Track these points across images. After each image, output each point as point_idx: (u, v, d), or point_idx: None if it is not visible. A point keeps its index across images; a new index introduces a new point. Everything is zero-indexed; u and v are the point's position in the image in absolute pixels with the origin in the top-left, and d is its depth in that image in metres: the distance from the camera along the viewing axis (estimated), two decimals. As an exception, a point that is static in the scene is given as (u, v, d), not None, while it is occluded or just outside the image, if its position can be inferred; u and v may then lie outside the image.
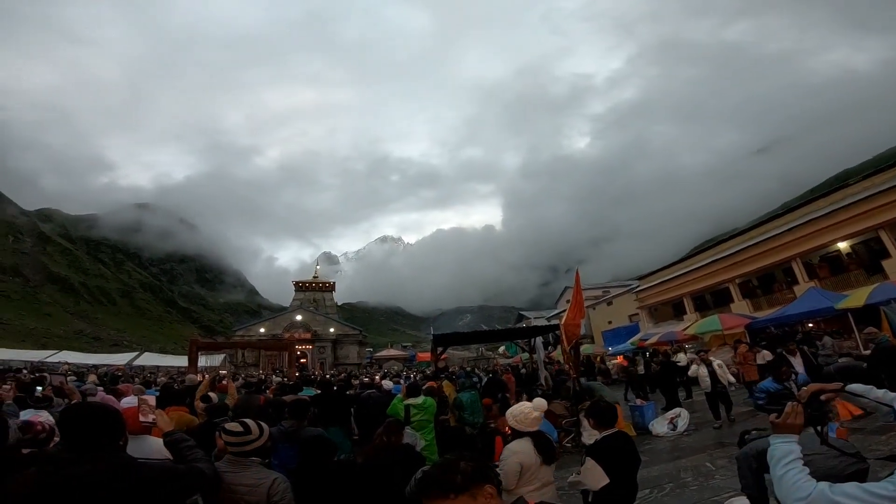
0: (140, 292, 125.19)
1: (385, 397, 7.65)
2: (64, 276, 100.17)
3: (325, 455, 3.17)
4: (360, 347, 56.79)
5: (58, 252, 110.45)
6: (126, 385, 8.92)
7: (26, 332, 65.93)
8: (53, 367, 20.65)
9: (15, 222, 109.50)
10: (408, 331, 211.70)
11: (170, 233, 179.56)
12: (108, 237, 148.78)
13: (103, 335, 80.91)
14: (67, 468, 1.63)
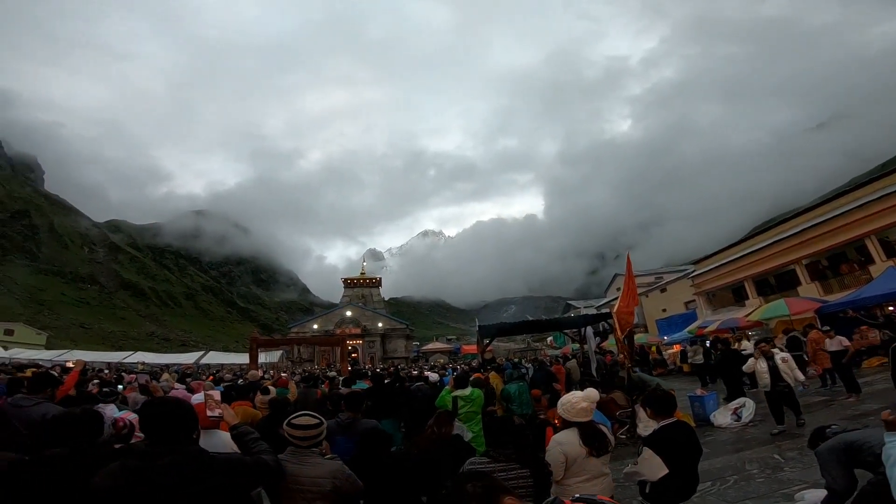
0: (203, 294, 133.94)
1: (432, 390, 7.77)
2: (134, 282, 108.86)
3: (382, 446, 3.26)
4: (407, 341, 57.77)
5: (127, 260, 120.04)
6: (197, 382, 9.59)
7: (105, 335, 72.35)
8: (131, 367, 22.43)
9: (88, 234, 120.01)
10: (452, 324, 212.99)
11: (226, 237, 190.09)
12: (171, 244, 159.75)
13: (172, 336, 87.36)
14: (149, 460, 1.76)
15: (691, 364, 17.58)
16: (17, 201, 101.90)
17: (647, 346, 24.48)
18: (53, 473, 1.99)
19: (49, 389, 4.31)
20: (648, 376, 9.02)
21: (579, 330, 12.57)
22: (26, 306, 70.51)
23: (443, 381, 8.98)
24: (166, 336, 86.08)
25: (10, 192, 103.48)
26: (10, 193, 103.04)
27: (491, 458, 2.73)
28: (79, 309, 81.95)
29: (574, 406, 3.15)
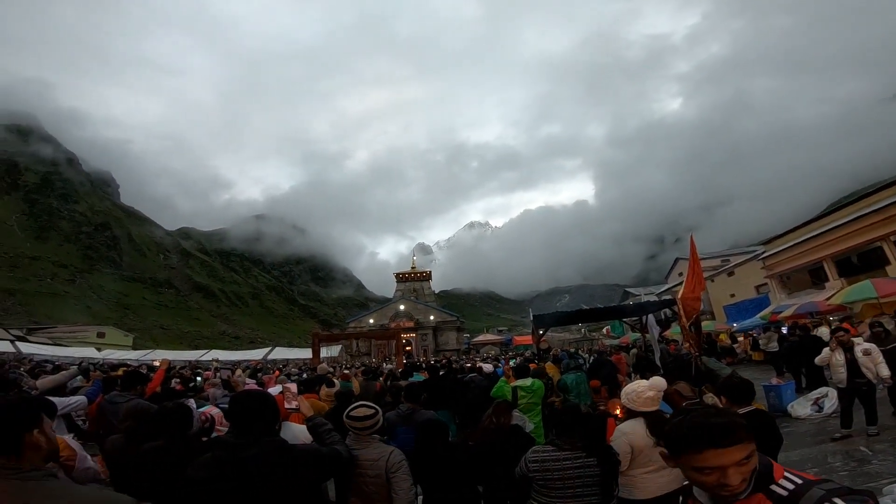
0: (267, 294, 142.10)
1: (487, 381, 7.77)
2: (205, 284, 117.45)
3: (439, 436, 3.33)
4: (459, 333, 58.04)
5: (198, 264, 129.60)
6: (268, 377, 10.25)
7: (181, 335, 78.61)
8: (206, 364, 24.19)
9: (162, 242, 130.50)
10: (503, 315, 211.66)
11: (285, 239, 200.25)
12: (236, 247, 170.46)
13: (241, 334, 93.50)
14: (237, 451, 1.90)
15: (764, 352, 16.41)
16: (99, 214, 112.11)
17: (715, 333, 23.13)
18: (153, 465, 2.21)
19: (139, 387, 4.77)
20: (719, 365, 8.51)
21: (640, 318, 12.06)
22: (114, 311, 77.98)
23: (497, 373, 8.96)
24: (236, 334, 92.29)
25: (92, 206, 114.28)
26: (91, 207, 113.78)
27: (556, 447, 2.73)
28: (158, 311, 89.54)
29: (640, 395, 3.09)
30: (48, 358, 21.95)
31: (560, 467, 2.61)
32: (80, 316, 62.97)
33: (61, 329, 46.86)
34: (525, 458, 2.80)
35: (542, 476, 2.66)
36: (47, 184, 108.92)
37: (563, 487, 2.59)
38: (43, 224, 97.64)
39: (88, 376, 7.56)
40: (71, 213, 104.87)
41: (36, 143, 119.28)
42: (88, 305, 73.48)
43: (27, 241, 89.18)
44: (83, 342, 38.88)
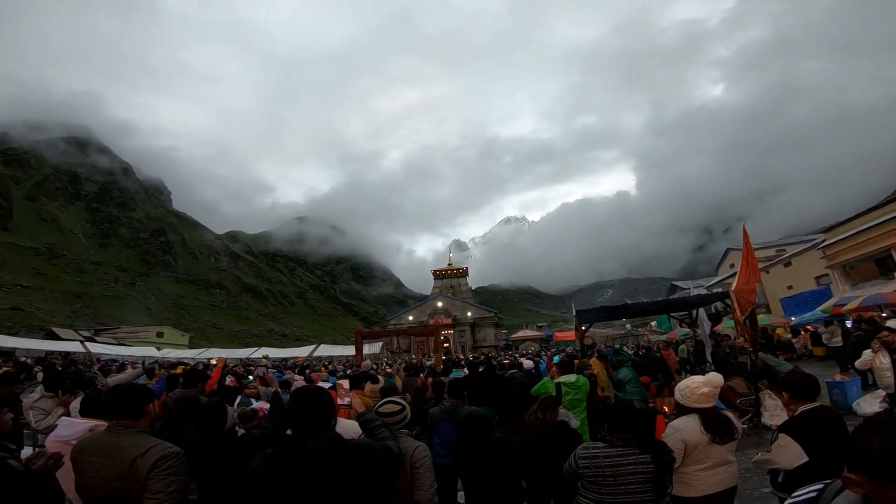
0: (311, 293, 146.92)
1: (527, 377, 7.68)
2: (254, 285, 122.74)
3: (484, 432, 3.32)
4: (497, 329, 57.68)
5: (246, 266, 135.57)
6: (315, 373, 10.60)
7: (233, 334, 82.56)
8: (257, 361, 25.25)
9: (212, 245, 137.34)
10: (542, 311, 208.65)
11: (326, 239, 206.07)
12: (280, 249, 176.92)
13: (288, 332, 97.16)
14: (298, 446, 1.97)
15: (827, 347, 15.34)
16: (154, 221, 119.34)
17: (772, 328, 21.84)
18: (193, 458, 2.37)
19: (199, 384, 5.06)
20: (778, 360, 8.03)
21: (689, 312, 11.54)
22: (171, 311, 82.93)
23: (539, 369, 8.84)
24: (283, 332, 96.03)
25: (148, 213, 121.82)
26: (147, 214, 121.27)
27: (608, 444, 2.68)
28: (211, 311, 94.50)
29: (694, 391, 3.00)
30: (114, 357, 23.66)
31: (612, 464, 2.57)
32: (140, 317, 67.48)
33: (125, 329, 50.38)
34: (575, 454, 2.76)
35: (592, 472, 2.63)
36: (106, 193, 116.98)
37: (614, 484, 2.56)
38: (104, 231, 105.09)
39: (152, 375, 8.09)
40: (129, 220, 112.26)
41: (93, 154, 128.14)
42: (148, 307, 78.51)
43: (91, 248, 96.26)
44: (144, 342, 41.64)
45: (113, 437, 2.24)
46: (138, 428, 2.31)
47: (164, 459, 2.15)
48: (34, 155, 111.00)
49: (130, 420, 2.30)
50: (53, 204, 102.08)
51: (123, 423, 2.29)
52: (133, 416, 2.32)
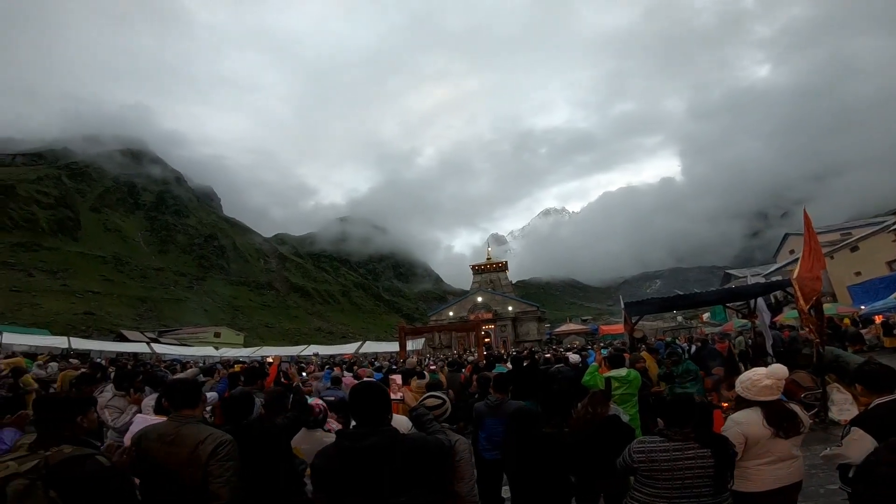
0: (355, 291, 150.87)
1: (573, 371, 7.54)
2: (301, 285, 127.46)
3: (533, 425, 3.30)
4: (539, 324, 56.88)
5: (294, 267, 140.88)
6: (362, 369, 10.92)
7: (284, 333, 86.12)
8: (307, 359, 26.18)
9: (262, 248, 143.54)
10: (586, 304, 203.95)
11: (367, 238, 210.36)
12: (325, 249, 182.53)
13: (334, 329, 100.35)
14: (359, 441, 2.04)
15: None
16: (207, 227, 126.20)
17: (838, 317, 20.29)
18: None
19: (258, 381, 5.32)
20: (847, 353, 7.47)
21: (746, 303, 10.89)
22: (226, 312, 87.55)
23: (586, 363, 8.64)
24: (330, 330, 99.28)
25: (201, 220, 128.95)
26: (200, 220, 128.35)
27: (664, 438, 2.63)
28: (262, 311, 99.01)
29: (756, 384, 2.91)
30: (177, 357, 25.26)
31: (669, 458, 2.54)
32: (199, 318, 71.72)
33: (185, 330, 53.69)
34: (629, 448, 2.74)
35: (647, 467, 2.61)
36: (162, 202, 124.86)
37: (671, 479, 2.53)
38: (163, 238, 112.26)
39: (212, 374, 8.60)
40: (184, 227, 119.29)
41: (147, 164, 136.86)
42: (205, 308, 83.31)
43: (152, 255, 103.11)
44: (203, 342, 44.23)
45: (175, 425, 2.46)
46: (197, 417, 2.57)
47: (222, 446, 2.38)
48: (95, 168, 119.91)
49: (190, 410, 2.56)
50: (115, 214, 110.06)
51: (184, 414, 2.53)
52: (192, 406, 2.59)
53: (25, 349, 18.76)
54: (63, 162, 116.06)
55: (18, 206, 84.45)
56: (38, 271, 70.81)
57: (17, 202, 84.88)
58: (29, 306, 56.25)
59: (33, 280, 67.15)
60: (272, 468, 2.90)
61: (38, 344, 21.63)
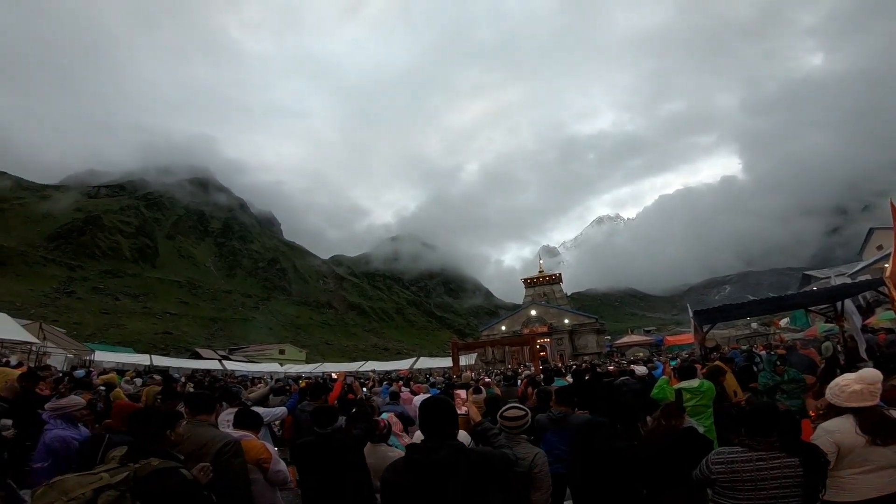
0: (408, 308, 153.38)
1: (639, 384, 7.21)
2: (357, 303, 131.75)
3: (604, 438, 3.20)
4: (598, 336, 54.80)
5: (350, 286, 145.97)
6: (417, 385, 11.00)
7: (342, 349, 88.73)
8: (365, 375, 26.77)
9: (320, 269, 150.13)
10: (649, 314, 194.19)
11: (418, 256, 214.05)
12: (378, 268, 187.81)
13: (389, 346, 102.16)
14: (429, 454, 2.07)
15: None
16: (270, 251, 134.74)
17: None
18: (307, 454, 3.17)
19: (323, 396, 5.55)
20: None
21: (832, 305, 9.91)
22: (289, 330, 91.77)
23: (653, 375, 8.21)
24: (385, 346, 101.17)
25: (263, 245, 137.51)
26: (263, 245, 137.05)
27: (746, 448, 2.51)
28: (322, 329, 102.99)
29: (844, 389, 2.75)
30: (245, 373, 26.72)
31: (752, 468, 2.43)
32: (265, 336, 75.67)
33: (253, 348, 56.82)
34: (707, 459, 2.63)
35: (728, 478, 2.51)
36: (228, 228, 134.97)
37: (754, 489, 2.42)
38: (230, 263, 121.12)
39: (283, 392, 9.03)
40: (249, 252, 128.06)
41: (214, 192, 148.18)
42: (270, 327, 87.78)
43: (221, 279, 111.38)
44: (269, 358, 46.60)
45: (191, 427, 2.88)
46: (211, 423, 3.12)
47: (228, 445, 2.84)
48: (168, 197, 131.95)
49: (206, 416, 3.10)
50: (188, 241, 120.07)
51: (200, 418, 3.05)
52: (208, 413, 3.13)
53: (113, 366, 20.66)
54: (141, 192, 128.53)
55: (105, 235, 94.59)
56: (123, 295, 78.37)
57: (104, 232, 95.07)
58: (116, 327, 62.09)
59: (119, 303, 74.44)
60: (341, 476, 3.00)
61: (124, 361, 23.72)
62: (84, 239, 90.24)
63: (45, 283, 71.04)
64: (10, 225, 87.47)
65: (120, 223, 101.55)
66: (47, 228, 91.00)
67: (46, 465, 3.50)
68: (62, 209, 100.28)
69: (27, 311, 46.54)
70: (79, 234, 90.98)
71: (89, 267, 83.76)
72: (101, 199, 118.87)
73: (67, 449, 3.58)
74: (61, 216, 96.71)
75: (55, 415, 3.85)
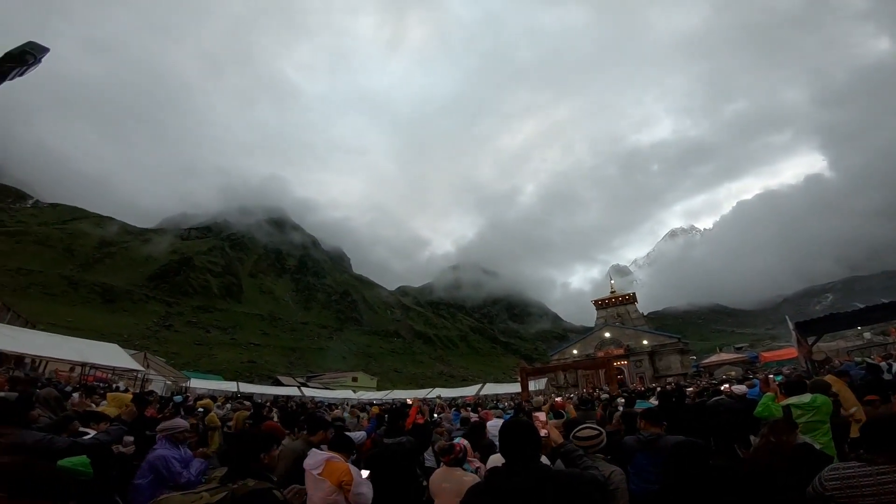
0: (472, 335, 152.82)
1: (738, 403, 6.69)
2: (423, 332, 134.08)
3: (700, 459, 2.97)
4: (682, 356, 51.00)
5: (416, 315, 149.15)
6: (486, 412, 10.81)
7: (410, 377, 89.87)
8: (432, 401, 26.72)
9: (387, 300, 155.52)
10: (738, 330, 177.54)
11: (479, 283, 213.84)
12: (441, 297, 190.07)
13: (455, 373, 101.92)
14: (511, 478, 2.03)
15: None
16: (341, 284, 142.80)
17: None
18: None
19: (400, 422, 5.67)
20: None
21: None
22: (361, 359, 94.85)
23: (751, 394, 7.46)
24: (451, 373, 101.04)
25: (335, 279, 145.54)
26: (335, 279, 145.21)
27: (865, 462, 2.31)
28: (391, 357, 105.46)
29: None
30: (322, 399, 27.72)
31: (873, 483, 2.24)
32: (339, 364, 79.10)
33: (328, 376, 59.29)
34: (821, 476, 2.45)
35: (845, 494, 2.31)
36: (303, 265, 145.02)
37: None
38: (306, 297, 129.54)
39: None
40: (322, 286, 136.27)
41: (289, 231, 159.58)
42: (343, 356, 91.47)
43: (298, 311, 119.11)
44: (343, 386, 48.28)
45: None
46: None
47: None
48: (248, 237, 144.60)
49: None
50: (267, 278, 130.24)
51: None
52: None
53: (205, 391, 22.37)
54: (225, 233, 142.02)
55: (196, 275, 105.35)
56: (213, 328, 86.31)
57: (196, 272, 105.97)
58: (207, 357, 68.30)
59: (209, 335, 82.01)
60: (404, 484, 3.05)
61: (214, 388, 25.63)
62: (179, 278, 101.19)
63: (147, 318, 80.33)
64: (118, 266, 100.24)
65: (209, 263, 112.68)
66: (148, 269, 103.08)
67: (147, 482, 3.77)
68: (160, 252, 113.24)
69: (133, 342, 52.47)
70: (175, 274, 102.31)
71: (184, 303, 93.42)
72: (192, 241, 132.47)
73: (168, 467, 3.85)
74: (160, 258, 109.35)
75: (162, 435, 4.18)
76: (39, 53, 3.35)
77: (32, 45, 3.30)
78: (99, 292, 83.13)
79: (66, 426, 3.87)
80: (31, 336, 15.50)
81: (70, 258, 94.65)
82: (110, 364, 16.61)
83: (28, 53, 3.28)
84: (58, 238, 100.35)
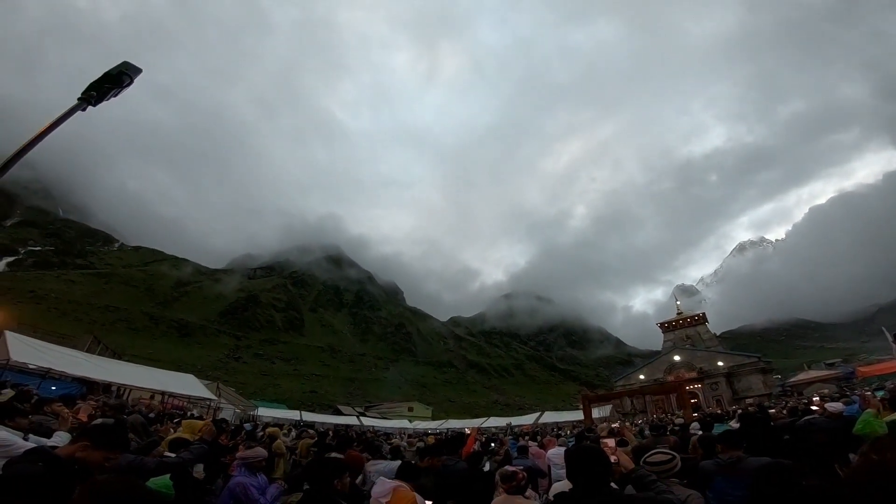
0: (527, 363, 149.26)
1: (834, 422, 6.08)
2: (477, 361, 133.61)
3: (789, 480, 2.88)
4: (764, 376, 46.94)
5: (469, 345, 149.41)
6: (548, 439, 10.44)
7: (464, 406, 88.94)
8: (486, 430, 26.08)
9: (440, 331, 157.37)
10: (826, 345, 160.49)
11: (534, 310, 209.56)
12: (495, 326, 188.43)
13: (510, 402, 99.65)
14: (581, 502, 2.01)
15: None
16: (395, 317, 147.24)
17: None
18: None
19: (459, 449, 5.79)
20: None
21: None
22: (416, 389, 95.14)
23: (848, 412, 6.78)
24: (506, 402, 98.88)
25: (390, 312, 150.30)
26: (390, 312, 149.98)
27: None
28: (445, 387, 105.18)
29: None
30: (380, 428, 27.89)
31: None
32: (395, 394, 79.81)
33: (385, 405, 59.86)
34: None
35: None
36: (360, 299, 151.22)
37: None
38: (363, 330, 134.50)
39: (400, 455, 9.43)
40: (378, 319, 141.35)
41: (346, 267, 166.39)
42: (399, 386, 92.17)
43: (356, 343, 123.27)
44: (399, 415, 48.28)
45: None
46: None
47: None
48: (308, 275, 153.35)
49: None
50: (327, 313, 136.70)
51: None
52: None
53: (271, 420, 23.18)
54: (287, 272, 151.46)
55: (262, 311, 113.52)
56: (278, 360, 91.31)
57: (261, 308, 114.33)
58: (272, 386, 71.76)
59: (274, 366, 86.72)
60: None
61: (280, 416, 26.52)
62: (247, 314, 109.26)
63: (218, 350, 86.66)
64: (192, 304, 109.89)
65: (273, 300, 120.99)
66: (219, 306, 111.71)
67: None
68: (229, 290, 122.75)
69: (206, 373, 56.02)
70: (242, 310, 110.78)
71: (251, 337, 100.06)
72: (258, 279, 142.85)
73: (246, 493, 4.01)
74: (229, 296, 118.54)
75: (241, 463, 4.38)
76: (134, 74, 3.52)
77: (127, 66, 3.48)
78: (176, 327, 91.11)
79: (151, 450, 4.18)
80: (118, 366, 17.01)
81: (151, 296, 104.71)
82: (186, 393, 17.75)
83: (124, 74, 3.45)
84: (140, 279, 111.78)
